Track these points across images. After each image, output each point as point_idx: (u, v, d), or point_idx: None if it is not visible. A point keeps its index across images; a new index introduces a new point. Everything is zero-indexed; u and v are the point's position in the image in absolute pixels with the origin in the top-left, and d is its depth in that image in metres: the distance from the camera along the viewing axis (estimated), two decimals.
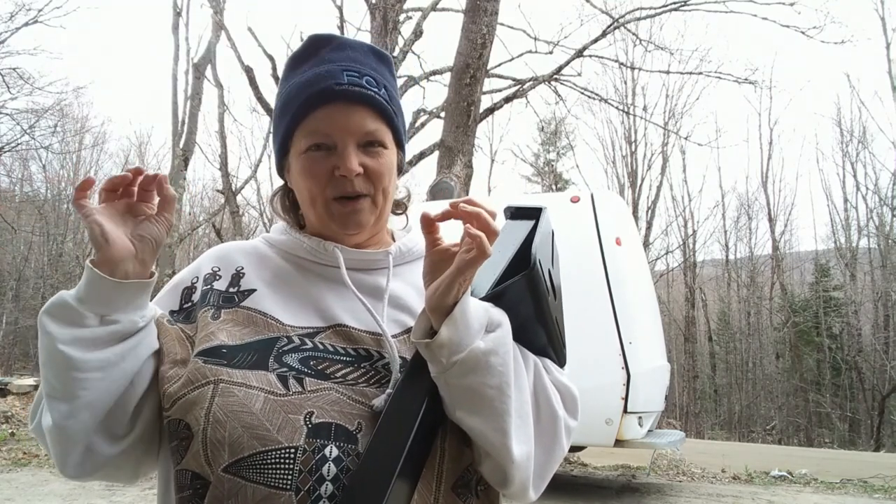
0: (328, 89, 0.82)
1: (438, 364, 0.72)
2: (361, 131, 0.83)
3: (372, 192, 0.84)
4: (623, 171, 21.49)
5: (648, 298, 6.14)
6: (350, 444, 0.72)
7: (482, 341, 0.72)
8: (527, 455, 0.76)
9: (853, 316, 19.15)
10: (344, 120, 0.82)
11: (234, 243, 0.95)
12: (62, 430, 0.75)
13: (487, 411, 0.73)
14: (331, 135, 0.83)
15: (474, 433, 0.75)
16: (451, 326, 0.71)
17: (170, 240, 13.13)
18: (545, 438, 0.79)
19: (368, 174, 0.83)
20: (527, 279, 0.77)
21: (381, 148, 0.85)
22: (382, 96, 0.85)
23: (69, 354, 0.73)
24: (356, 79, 0.83)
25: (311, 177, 0.84)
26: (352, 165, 0.81)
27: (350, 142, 0.82)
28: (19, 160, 18.48)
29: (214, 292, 0.85)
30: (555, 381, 0.82)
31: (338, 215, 0.84)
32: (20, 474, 5.88)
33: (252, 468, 0.70)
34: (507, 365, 0.73)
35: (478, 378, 0.72)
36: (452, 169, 7.33)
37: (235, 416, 0.72)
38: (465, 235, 0.71)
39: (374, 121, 0.84)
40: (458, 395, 0.73)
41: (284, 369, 0.76)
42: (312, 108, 0.83)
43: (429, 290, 0.73)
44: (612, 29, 10.74)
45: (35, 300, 20.66)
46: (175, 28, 14.55)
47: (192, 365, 0.78)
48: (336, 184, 0.83)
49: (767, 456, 9.22)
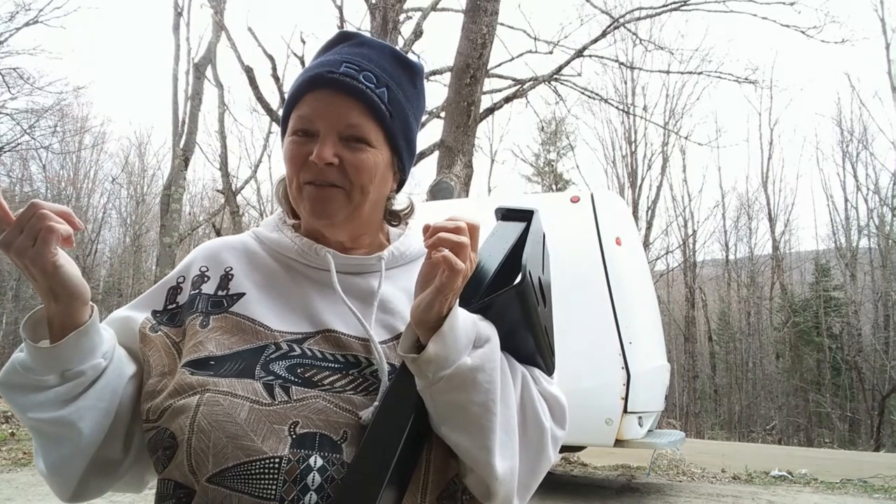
0: (318, 76, 0.81)
1: (424, 378, 0.71)
2: (343, 122, 0.81)
3: (347, 186, 0.82)
4: (623, 171, 21.53)
5: (648, 298, 6.14)
6: (335, 453, 0.72)
7: (469, 357, 0.72)
8: (510, 470, 0.75)
9: (853, 316, 19.15)
10: (326, 108, 0.81)
11: (224, 240, 0.93)
12: (56, 474, 0.77)
13: (472, 428, 0.72)
14: (312, 120, 0.81)
15: (458, 449, 0.75)
16: (439, 342, 0.70)
17: (169, 240, 13.13)
18: (531, 451, 0.79)
19: (344, 167, 0.81)
20: (516, 292, 0.76)
21: (364, 145, 0.81)
22: (378, 94, 0.82)
23: (42, 418, 0.73)
24: (353, 71, 0.81)
25: (289, 160, 0.83)
26: (323, 153, 0.79)
27: (330, 131, 0.81)
28: (19, 160, 18.49)
29: (202, 297, 0.84)
30: (543, 391, 0.81)
31: (307, 199, 0.83)
32: (20, 474, 5.88)
33: (237, 478, 0.70)
34: (493, 382, 0.72)
35: (463, 395, 0.71)
36: (452, 169, 7.33)
37: (220, 426, 0.71)
38: (430, 259, 0.70)
39: (359, 115, 0.81)
40: (444, 410, 0.73)
41: (271, 378, 0.76)
42: (302, 94, 0.83)
43: (414, 303, 0.72)
44: (612, 29, 10.75)
45: (35, 300, 20.65)
46: (175, 28, 14.56)
47: (179, 375, 0.77)
48: (309, 168, 0.81)
49: (767, 456, 9.22)
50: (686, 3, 10.65)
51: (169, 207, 13.46)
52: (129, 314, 0.86)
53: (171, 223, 13.29)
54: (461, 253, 0.70)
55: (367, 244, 0.91)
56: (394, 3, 8.82)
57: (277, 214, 0.94)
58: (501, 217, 0.86)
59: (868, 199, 19.60)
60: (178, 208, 13.80)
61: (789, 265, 22.34)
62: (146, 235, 24.04)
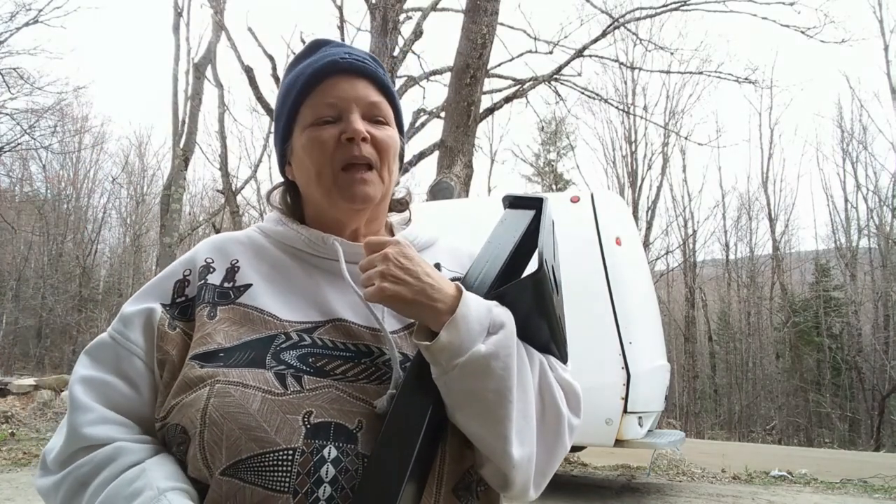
0: (332, 63, 0.84)
1: (439, 366, 0.72)
2: (367, 100, 0.84)
3: (378, 165, 0.84)
4: (623, 171, 21.52)
5: (648, 298, 6.13)
6: (350, 443, 0.71)
7: (483, 344, 0.72)
8: (528, 458, 0.75)
9: (853, 316, 19.15)
10: (349, 89, 0.84)
11: (228, 235, 0.92)
12: None
13: (487, 416, 0.72)
14: (336, 104, 0.83)
15: (474, 437, 0.75)
16: (453, 330, 0.71)
17: (169, 240, 13.12)
18: (549, 437, 0.79)
19: (375, 143, 0.83)
20: (534, 280, 0.76)
21: (385, 123, 0.86)
22: (383, 76, 0.87)
23: None
24: (359, 58, 0.87)
25: (317, 146, 0.83)
26: (358, 126, 0.82)
27: (355, 109, 0.83)
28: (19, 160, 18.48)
29: (209, 287, 0.83)
30: (559, 378, 0.81)
31: (344, 186, 0.83)
32: (20, 474, 5.88)
33: (250, 470, 0.69)
34: (508, 369, 0.72)
35: (478, 382, 0.71)
36: (452, 169, 7.33)
37: (232, 417, 0.70)
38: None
39: (377, 94, 0.86)
40: (459, 398, 0.73)
41: (282, 367, 0.75)
42: (317, 82, 0.85)
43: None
44: (612, 29, 10.74)
45: (35, 300, 20.67)
46: (175, 28, 14.55)
47: (187, 369, 0.76)
48: (343, 149, 0.82)
49: (767, 456, 9.21)
50: (686, 3, 10.64)
51: (169, 207, 13.46)
52: (150, 306, 0.83)
53: (171, 223, 13.28)
54: (384, 279, 0.74)
55: (376, 232, 0.92)
56: (394, 3, 8.82)
57: (276, 213, 0.94)
58: (509, 205, 0.86)
59: (868, 199, 19.60)
60: (178, 208, 13.80)
61: (789, 265, 22.33)
62: (146, 235, 24.03)
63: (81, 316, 21.19)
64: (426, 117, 10.71)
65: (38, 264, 21.68)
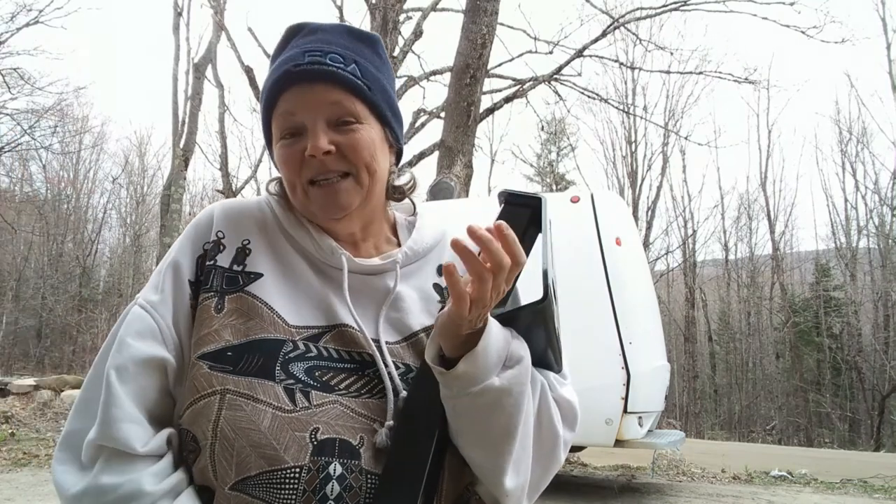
0: (285, 73, 0.80)
1: (449, 390, 0.72)
2: (325, 107, 0.79)
3: (353, 171, 0.80)
4: (623, 171, 21.52)
5: (648, 298, 6.13)
6: (353, 459, 0.72)
7: (497, 378, 0.71)
8: (521, 486, 0.76)
9: (853, 316, 19.15)
10: (304, 99, 0.80)
11: (242, 205, 0.89)
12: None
13: (489, 449, 0.73)
14: (295, 115, 0.80)
15: (472, 462, 0.75)
16: (471, 362, 0.69)
17: (169, 240, 13.11)
18: (543, 458, 0.79)
19: (343, 151, 0.79)
20: (539, 309, 0.73)
21: (354, 123, 0.80)
22: (349, 70, 0.81)
23: None
24: (318, 57, 0.80)
25: (285, 163, 0.81)
26: (318, 143, 0.77)
27: (317, 119, 0.79)
28: (19, 160, 18.51)
29: (218, 270, 0.81)
30: (557, 397, 0.81)
31: (316, 200, 0.81)
32: (20, 474, 5.87)
33: (258, 486, 0.70)
34: (518, 406, 0.72)
35: (486, 415, 0.71)
36: (452, 169, 7.32)
37: (244, 434, 0.71)
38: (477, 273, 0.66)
39: (338, 93, 0.80)
40: (464, 425, 0.73)
41: (291, 381, 0.75)
42: (275, 97, 0.82)
43: (444, 313, 0.70)
44: (612, 29, 10.73)
45: (35, 300, 20.66)
46: (175, 28, 14.55)
47: (197, 370, 0.75)
48: (308, 166, 0.79)
49: (767, 456, 9.21)
50: (686, 3, 10.64)
51: (169, 207, 13.46)
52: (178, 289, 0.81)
53: (171, 223, 13.28)
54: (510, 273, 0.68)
55: (377, 232, 0.90)
56: (394, 3, 8.82)
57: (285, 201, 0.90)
58: (506, 202, 0.80)
59: (868, 199, 19.61)
60: (178, 208, 13.79)
61: (789, 265, 22.33)
62: (146, 235, 24.04)
63: (81, 316, 21.20)
64: (426, 117, 10.72)
65: (38, 264, 21.68)
